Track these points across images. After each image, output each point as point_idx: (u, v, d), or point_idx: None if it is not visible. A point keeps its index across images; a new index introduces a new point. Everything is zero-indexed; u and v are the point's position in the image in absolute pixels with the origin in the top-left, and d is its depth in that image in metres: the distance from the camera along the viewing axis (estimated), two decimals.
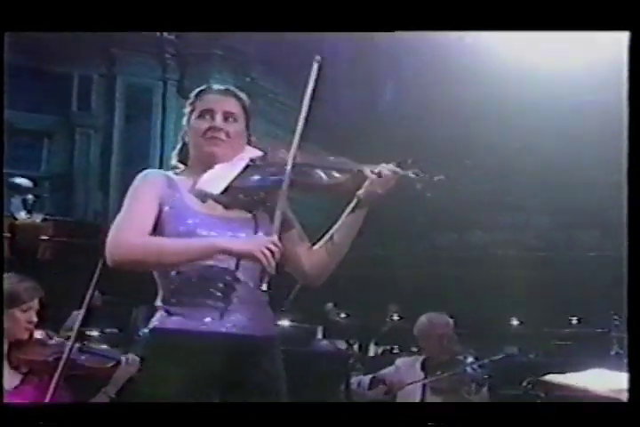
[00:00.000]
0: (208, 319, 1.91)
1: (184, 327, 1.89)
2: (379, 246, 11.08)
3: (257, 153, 2.06)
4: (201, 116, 2.04)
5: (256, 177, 1.97)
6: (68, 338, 2.96)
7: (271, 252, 1.82)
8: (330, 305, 8.27)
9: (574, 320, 8.15)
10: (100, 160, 11.15)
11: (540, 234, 11.27)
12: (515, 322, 8.57)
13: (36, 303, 3.01)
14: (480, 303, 8.78)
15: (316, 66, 2.01)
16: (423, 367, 4.10)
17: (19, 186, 7.74)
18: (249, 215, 2.00)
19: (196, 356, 1.84)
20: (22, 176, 8.01)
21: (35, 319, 3.03)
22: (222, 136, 2.02)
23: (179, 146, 2.11)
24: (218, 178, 1.98)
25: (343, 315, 8.20)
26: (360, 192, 1.99)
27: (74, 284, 3.10)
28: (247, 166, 2.01)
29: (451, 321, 4.14)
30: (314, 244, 2.07)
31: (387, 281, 9.49)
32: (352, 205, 1.99)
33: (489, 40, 11.15)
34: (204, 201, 1.98)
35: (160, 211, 1.94)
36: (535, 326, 8.14)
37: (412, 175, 1.98)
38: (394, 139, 14.77)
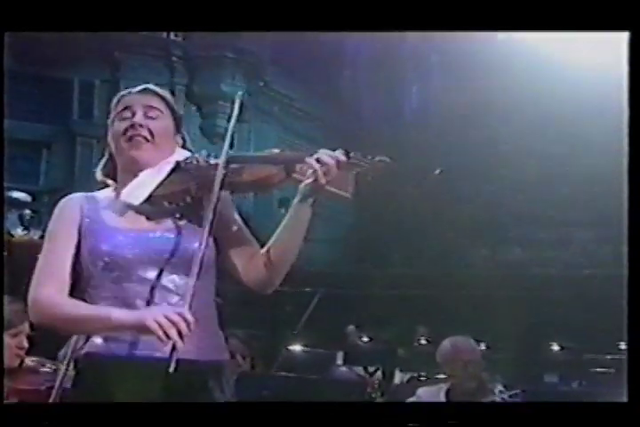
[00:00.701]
0: (141, 343, 1.83)
1: (118, 353, 1.84)
2: (404, 264, 11.02)
3: (183, 155, 1.98)
4: (120, 117, 1.99)
5: (181, 181, 1.90)
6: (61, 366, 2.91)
7: (172, 323, 1.67)
8: (351, 328, 8.21)
9: (623, 345, 8.04)
10: None
11: (585, 250, 11.16)
12: (555, 347, 8.47)
13: (26, 327, 2.95)
14: (517, 327, 8.68)
15: (237, 102, 1.96)
16: (447, 397, 4.04)
17: (16, 200, 7.78)
18: (182, 223, 1.92)
19: (131, 384, 1.79)
20: (19, 190, 8.05)
21: (25, 345, 2.97)
22: (145, 133, 1.94)
23: (103, 160, 2.05)
24: (140, 186, 1.91)
25: (366, 339, 8.14)
26: (302, 184, 1.89)
27: None
28: (173, 170, 1.93)
29: (477, 346, 4.08)
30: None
31: (414, 302, 9.41)
32: (296, 199, 1.90)
33: (526, 40, 11.17)
34: (122, 215, 1.92)
35: (80, 236, 1.91)
36: (578, 352, 8.03)
37: (354, 161, 1.86)
38: (420, 145, 14.76)
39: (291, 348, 5.96)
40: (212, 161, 1.92)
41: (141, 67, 11.27)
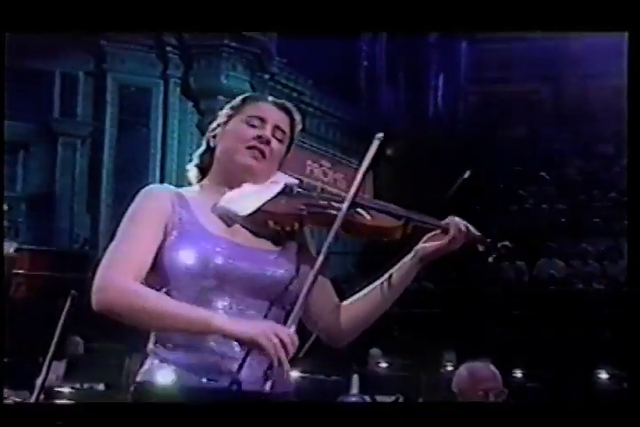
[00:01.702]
0: (213, 371, 1.87)
1: (180, 382, 1.87)
2: (428, 279, 10.99)
3: (292, 180, 2.11)
4: (248, 122, 2.06)
5: (292, 204, 2.01)
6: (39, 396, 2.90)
7: (283, 344, 1.77)
8: (375, 351, 8.18)
9: None
10: (87, 177, 11.28)
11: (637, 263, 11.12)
12: (603, 375, 8.43)
13: None
14: (557, 350, 8.65)
15: (376, 144, 2.02)
16: None
17: None
18: (277, 249, 2.01)
19: (197, 419, 1.83)
20: None
21: None
22: (266, 150, 2.04)
23: (202, 148, 2.11)
24: (247, 197, 1.99)
25: (384, 364, 8.10)
26: (422, 246, 2.07)
27: (54, 328, 3.10)
28: (281, 192, 2.05)
29: (497, 372, 4.06)
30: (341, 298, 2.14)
31: (438, 322, 9.40)
32: (407, 258, 2.08)
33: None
34: (228, 224, 1.99)
35: (165, 237, 1.94)
36: (630, 381, 7.99)
37: (478, 238, 2.09)
38: (447, 144, 14.76)
39: (293, 374, 5.94)
40: (327, 192, 2.08)
41: (131, 58, 11.34)
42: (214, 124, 2.09)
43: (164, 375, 1.89)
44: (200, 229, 1.95)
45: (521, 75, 15.84)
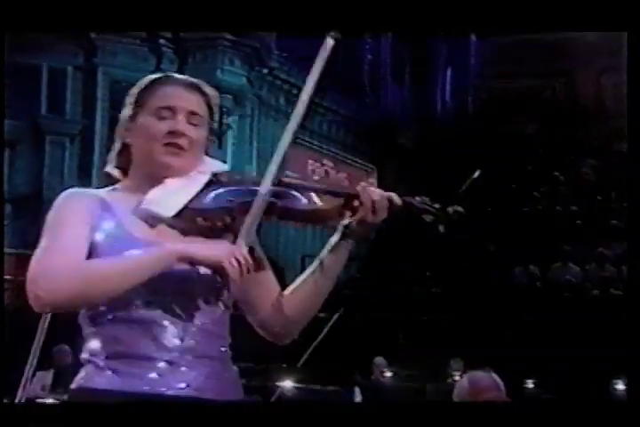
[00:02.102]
0: (153, 377, 1.87)
1: (119, 388, 1.86)
2: (435, 284, 10.95)
3: (220, 166, 2.08)
4: (158, 114, 2.00)
5: (220, 197, 1.98)
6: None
7: (239, 264, 1.86)
8: (380, 360, 8.17)
9: None
10: (77, 177, 11.28)
11: None
12: (620, 386, 8.41)
13: None
14: (572, 359, 8.64)
15: (330, 43, 1.97)
16: None
17: None
18: None
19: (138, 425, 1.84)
20: None
21: None
22: (184, 143, 1.99)
23: (117, 147, 2.05)
24: (171, 196, 1.97)
25: (388, 374, 8.09)
26: (345, 222, 2.01)
27: (41, 336, 3.11)
28: (208, 183, 2.01)
29: (500, 382, 4.05)
30: (284, 288, 2.11)
31: (446, 329, 9.38)
32: (335, 238, 2.02)
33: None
34: (152, 226, 1.96)
35: (91, 240, 1.92)
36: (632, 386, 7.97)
37: (419, 205, 2.00)
38: (454, 140, 14.73)
39: (291, 384, 5.90)
40: (256, 178, 2.02)
41: (123, 51, 11.33)
42: (123, 117, 2.02)
43: (103, 381, 1.88)
44: (124, 232, 1.94)
45: (533, 70, 15.82)
